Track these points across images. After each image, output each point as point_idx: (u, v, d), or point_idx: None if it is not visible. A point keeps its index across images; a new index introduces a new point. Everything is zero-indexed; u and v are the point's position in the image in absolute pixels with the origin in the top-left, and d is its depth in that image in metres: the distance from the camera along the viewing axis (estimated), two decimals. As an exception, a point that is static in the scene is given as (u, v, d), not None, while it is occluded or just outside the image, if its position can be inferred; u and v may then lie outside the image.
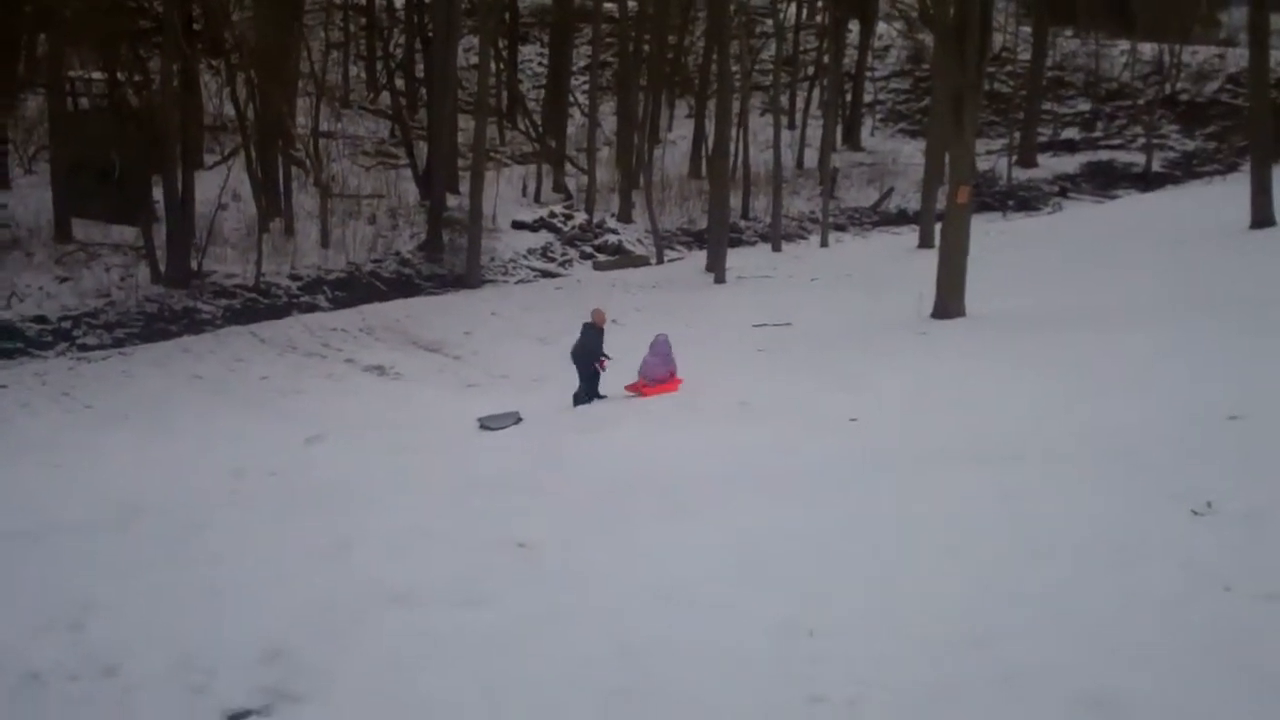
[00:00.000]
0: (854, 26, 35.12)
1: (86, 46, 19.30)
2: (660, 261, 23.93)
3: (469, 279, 20.82)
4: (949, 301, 14.99)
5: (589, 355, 12.47)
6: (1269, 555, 5.31)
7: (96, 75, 20.29)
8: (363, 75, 33.51)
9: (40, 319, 15.99)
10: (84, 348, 15.68)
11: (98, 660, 5.26)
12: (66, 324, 16.05)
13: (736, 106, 25.60)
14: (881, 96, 37.91)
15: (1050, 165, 32.87)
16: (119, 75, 18.36)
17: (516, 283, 21.97)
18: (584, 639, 5.13)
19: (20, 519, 8.25)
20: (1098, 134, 34.82)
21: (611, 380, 12.70)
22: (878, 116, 37.21)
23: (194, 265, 17.95)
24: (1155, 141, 32.58)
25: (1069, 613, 4.91)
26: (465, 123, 25.49)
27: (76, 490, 9.45)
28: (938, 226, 18.30)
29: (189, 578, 6.53)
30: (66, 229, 18.09)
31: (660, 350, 12.45)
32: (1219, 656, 4.38)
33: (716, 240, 21.93)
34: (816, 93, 35.68)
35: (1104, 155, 33.53)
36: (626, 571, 6.04)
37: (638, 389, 12.45)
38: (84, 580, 6.53)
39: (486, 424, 11.85)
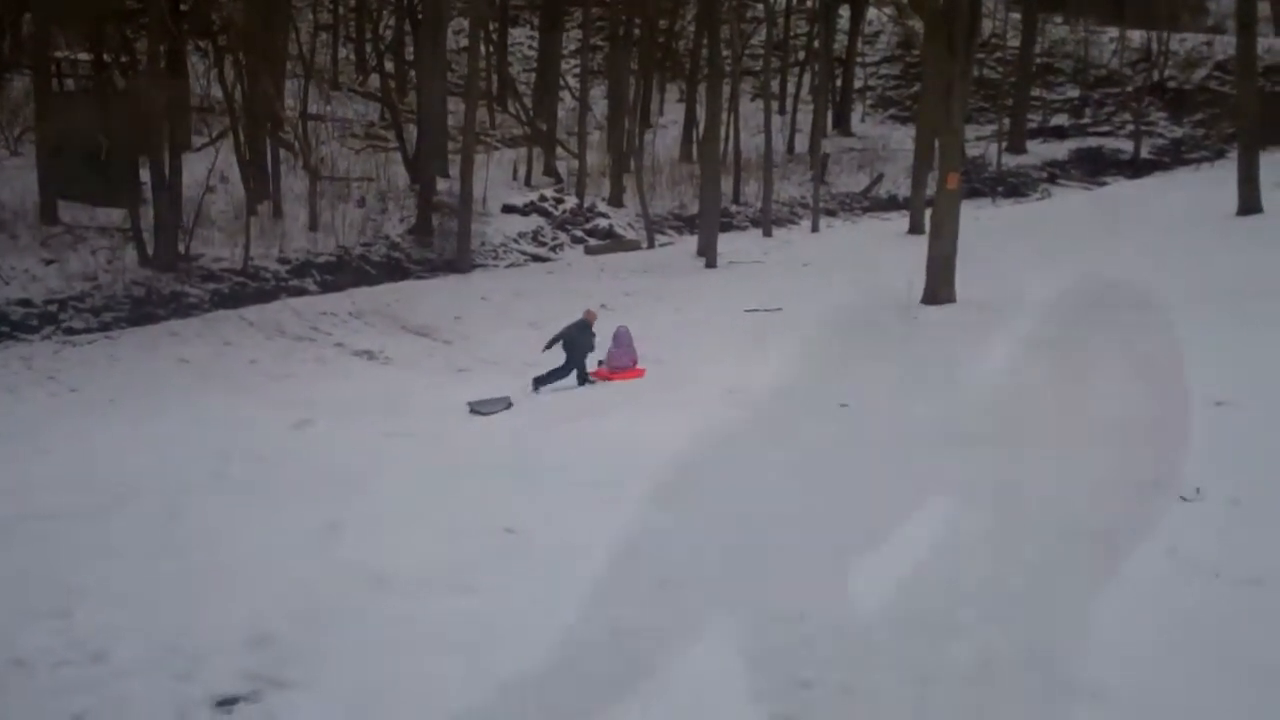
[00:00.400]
0: (844, 12, 34.99)
1: (72, 27, 19.07)
2: (651, 246, 23.87)
3: (459, 263, 20.72)
4: (939, 287, 15.01)
5: (574, 349, 12.83)
6: (1255, 540, 5.35)
7: (83, 56, 20.04)
8: (352, 57, 33.23)
9: (25, 302, 15.83)
10: (70, 331, 15.55)
11: (85, 646, 5.25)
12: (52, 307, 15.90)
13: (727, 91, 25.47)
14: (872, 82, 37.82)
15: (1039, 152, 32.90)
16: (105, 56, 18.14)
17: (507, 267, 21.88)
18: (574, 625, 5.13)
19: (6, 505, 8.19)
20: (1086, 121, 34.84)
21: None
22: (868, 102, 37.13)
23: (181, 248, 17.79)
24: (1144, 128, 32.66)
25: (1056, 599, 4.94)
26: (455, 106, 25.29)
27: (63, 475, 9.38)
28: (928, 212, 18.28)
29: (176, 563, 6.52)
30: (52, 211, 17.90)
31: (622, 341, 13.19)
32: (1207, 643, 4.41)
33: (707, 225, 21.87)
34: (807, 78, 35.55)
35: (1093, 142, 33.59)
36: (616, 557, 6.05)
37: (603, 375, 13.10)
38: (71, 566, 6.52)
39: (477, 409, 11.81)
